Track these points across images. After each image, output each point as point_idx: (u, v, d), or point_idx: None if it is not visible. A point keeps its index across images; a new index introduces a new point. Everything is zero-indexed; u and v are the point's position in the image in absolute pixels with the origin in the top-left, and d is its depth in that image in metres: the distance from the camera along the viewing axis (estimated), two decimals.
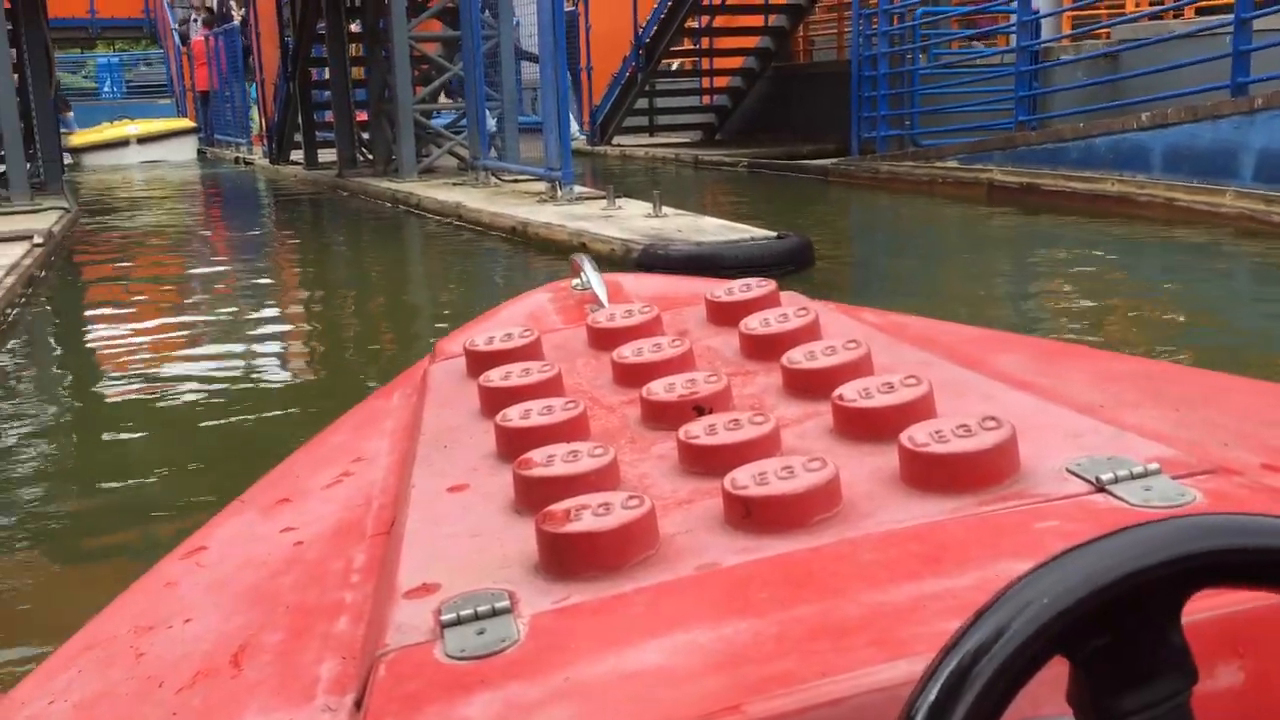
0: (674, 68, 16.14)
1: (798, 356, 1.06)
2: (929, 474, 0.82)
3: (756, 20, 15.13)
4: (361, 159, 13.28)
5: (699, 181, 13.15)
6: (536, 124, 10.90)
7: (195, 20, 21.00)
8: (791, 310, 1.19)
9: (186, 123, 20.79)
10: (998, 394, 1.00)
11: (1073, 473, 0.82)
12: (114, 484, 3.42)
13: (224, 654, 0.83)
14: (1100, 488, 0.80)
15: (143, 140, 20.09)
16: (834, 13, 15.75)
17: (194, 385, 4.59)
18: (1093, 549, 0.53)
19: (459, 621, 0.73)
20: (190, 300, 6.86)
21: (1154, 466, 0.81)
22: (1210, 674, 0.47)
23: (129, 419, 4.20)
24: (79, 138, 20.29)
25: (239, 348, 5.32)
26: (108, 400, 4.53)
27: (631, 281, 1.62)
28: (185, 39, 21.92)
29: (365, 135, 13.38)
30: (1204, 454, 0.86)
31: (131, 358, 5.21)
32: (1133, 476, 0.80)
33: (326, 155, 14.34)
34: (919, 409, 0.90)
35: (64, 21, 24.25)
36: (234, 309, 6.25)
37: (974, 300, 5.68)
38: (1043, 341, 1.36)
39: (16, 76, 11.86)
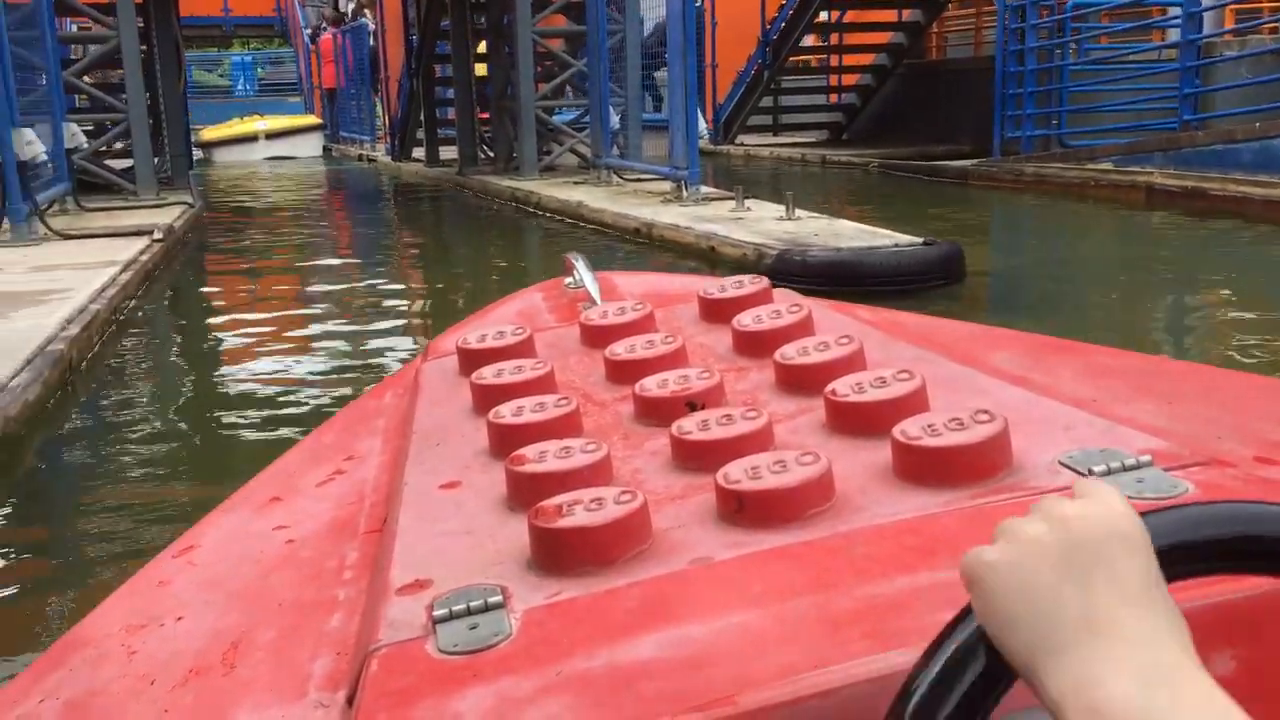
0: (800, 65, 15.48)
1: (790, 352, 1.07)
2: (922, 467, 0.82)
3: (889, 15, 14.47)
4: (483, 156, 13.42)
5: (828, 182, 12.88)
6: (659, 122, 10.73)
7: (324, 27, 21.19)
8: (784, 307, 1.21)
9: (313, 119, 21.21)
10: (990, 388, 1.01)
11: (1065, 465, 0.83)
12: (215, 482, 3.40)
13: (216, 651, 0.83)
14: None
15: (270, 136, 20.83)
16: (970, 8, 14.84)
17: (308, 387, 4.62)
18: None
19: (451, 617, 0.73)
20: (308, 299, 6.82)
21: (1146, 459, 0.81)
22: (1205, 662, 0.47)
23: (234, 419, 4.28)
24: (210, 132, 21.12)
25: (354, 348, 5.29)
26: (214, 399, 4.56)
27: (624, 279, 1.64)
28: (315, 38, 22.08)
29: (487, 132, 13.46)
30: (1197, 446, 0.86)
31: (245, 357, 5.22)
32: (1125, 468, 0.80)
33: (448, 152, 14.48)
34: (912, 403, 0.90)
35: (199, 20, 25.10)
36: (351, 312, 6.19)
37: (1172, 328, 5.02)
38: (1036, 337, 1.34)
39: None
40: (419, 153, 15.49)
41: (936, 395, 0.93)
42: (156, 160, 12.22)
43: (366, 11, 20.59)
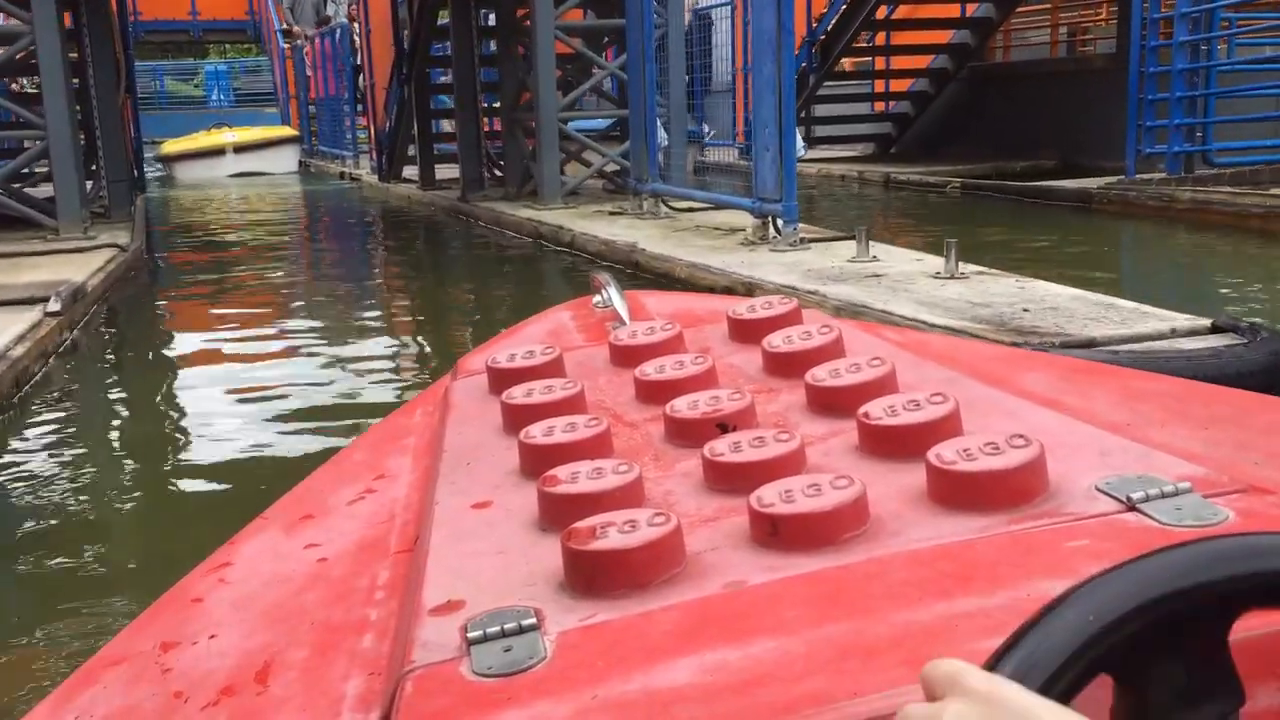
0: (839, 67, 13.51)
1: (822, 374, 1.11)
2: (957, 492, 0.86)
3: (951, 10, 12.30)
4: (489, 177, 12.12)
5: (903, 207, 11.41)
6: (692, 135, 8.58)
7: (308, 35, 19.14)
8: (815, 328, 1.25)
9: (287, 131, 19.62)
10: (1024, 412, 1.04)
11: (1102, 491, 0.85)
12: None
13: (249, 670, 0.88)
14: (1131, 506, 0.83)
15: (240, 149, 19.95)
16: (1042, 1, 12.66)
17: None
18: (1139, 566, 0.54)
19: (485, 638, 0.76)
20: (250, 407, 4.90)
21: (1185, 485, 0.84)
22: (1257, 694, 0.50)
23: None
24: (171, 145, 20.32)
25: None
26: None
27: (652, 299, 1.67)
28: (290, 41, 19.94)
29: (495, 148, 12.11)
30: (1235, 472, 0.89)
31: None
32: (1163, 495, 0.83)
33: (444, 171, 13.12)
34: (946, 426, 0.95)
35: (164, 24, 23.00)
36: (319, 421, 4.54)
37: None
38: (1067, 359, 1.40)
39: (77, 80, 9.30)
40: (410, 171, 14.48)
41: (969, 418, 0.98)
42: (91, 185, 9.68)
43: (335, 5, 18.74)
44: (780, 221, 6.88)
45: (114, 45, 10.62)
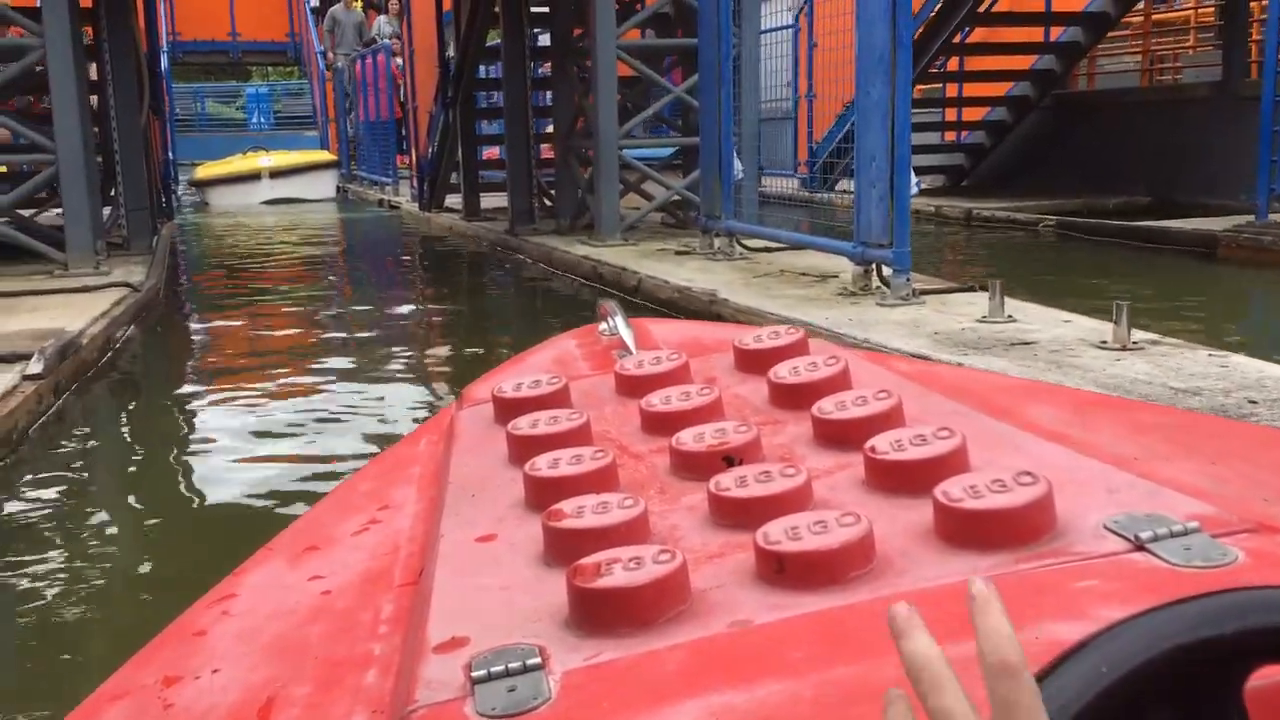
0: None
1: (828, 406, 1.11)
2: (964, 530, 0.85)
3: (1034, 34, 11.27)
4: (539, 208, 11.31)
5: (994, 250, 10.23)
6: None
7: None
8: (821, 359, 1.25)
9: (326, 155, 19.19)
10: (1032, 447, 1.04)
11: (1111, 530, 0.84)
12: None
13: (252, 706, 0.88)
14: (1139, 546, 0.82)
15: (276, 174, 19.16)
16: (1133, 27, 11.77)
17: None
18: (1151, 619, 0.53)
19: (490, 678, 0.76)
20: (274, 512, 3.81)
21: (1194, 525, 0.83)
22: None
23: None
24: (205, 170, 19.71)
25: None
26: None
27: (658, 327, 1.68)
28: (330, 64, 19.42)
29: (546, 178, 11.28)
30: (1244, 509, 0.88)
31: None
32: (1172, 535, 0.82)
33: (489, 200, 12.39)
34: (953, 462, 0.95)
35: (204, 45, 22.51)
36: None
37: None
38: (1074, 391, 1.40)
39: (95, 98, 8.46)
40: (452, 200, 13.75)
41: (976, 453, 0.98)
42: (109, 213, 8.80)
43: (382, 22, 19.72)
44: (885, 271, 5.89)
45: (138, 63, 9.77)
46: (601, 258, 8.42)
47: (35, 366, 4.72)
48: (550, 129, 11.48)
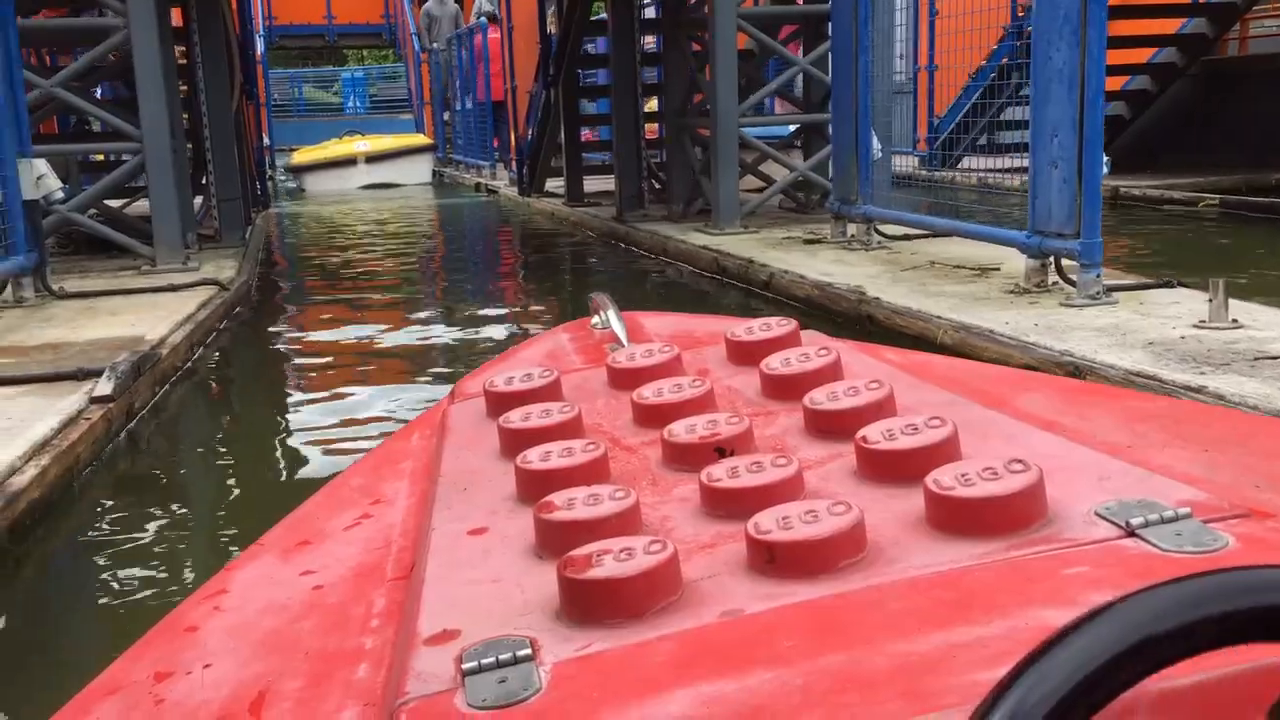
0: None
1: (820, 397, 1.12)
2: (955, 518, 0.86)
3: None
4: (648, 192, 10.61)
5: (1152, 233, 9.16)
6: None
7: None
8: (813, 350, 1.26)
9: (422, 139, 18.90)
10: (1023, 435, 1.05)
11: (1102, 516, 0.85)
12: None
13: (243, 701, 0.88)
14: (1130, 532, 0.82)
15: (372, 159, 18.85)
16: None
17: None
18: (1122, 608, 0.54)
19: (480, 669, 0.77)
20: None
21: (1185, 510, 0.83)
22: None
23: None
24: (302, 155, 19.62)
25: None
26: None
27: (650, 320, 1.69)
28: (425, 46, 19.05)
29: (655, 159, 10.60)
30: (1235, 496, 0.88)
31: None
32: (1163, 520, 0.82)
33: (592, 183, 11.72)
34: (944, 451, 0.95)
35: (300, 28, 22.22)
36: None
37: None
38: (1067, 381, 1.33)
39: (185, 84, 7.96)
40: (553, 184, 13.19)
41: (968, 441, 1.00)
42: (200, 203, 8.28)
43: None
44: (1069, 265, 5.07)
45: (229, 46, 9.28)
46: (723, 248, 7.82)
47: (105, 387, 4.15)
48: (648, 107, 11.33)
